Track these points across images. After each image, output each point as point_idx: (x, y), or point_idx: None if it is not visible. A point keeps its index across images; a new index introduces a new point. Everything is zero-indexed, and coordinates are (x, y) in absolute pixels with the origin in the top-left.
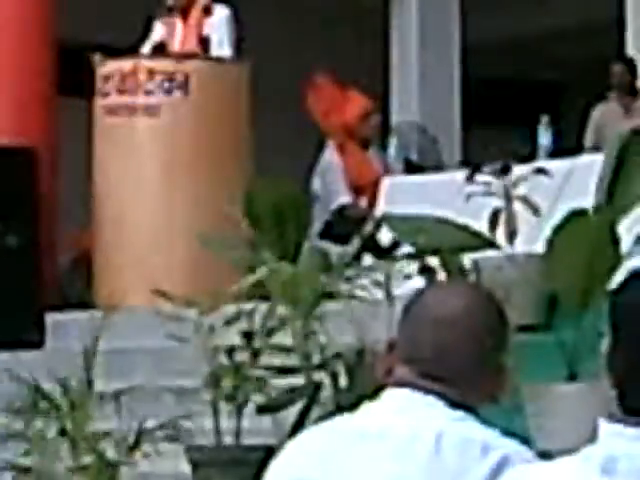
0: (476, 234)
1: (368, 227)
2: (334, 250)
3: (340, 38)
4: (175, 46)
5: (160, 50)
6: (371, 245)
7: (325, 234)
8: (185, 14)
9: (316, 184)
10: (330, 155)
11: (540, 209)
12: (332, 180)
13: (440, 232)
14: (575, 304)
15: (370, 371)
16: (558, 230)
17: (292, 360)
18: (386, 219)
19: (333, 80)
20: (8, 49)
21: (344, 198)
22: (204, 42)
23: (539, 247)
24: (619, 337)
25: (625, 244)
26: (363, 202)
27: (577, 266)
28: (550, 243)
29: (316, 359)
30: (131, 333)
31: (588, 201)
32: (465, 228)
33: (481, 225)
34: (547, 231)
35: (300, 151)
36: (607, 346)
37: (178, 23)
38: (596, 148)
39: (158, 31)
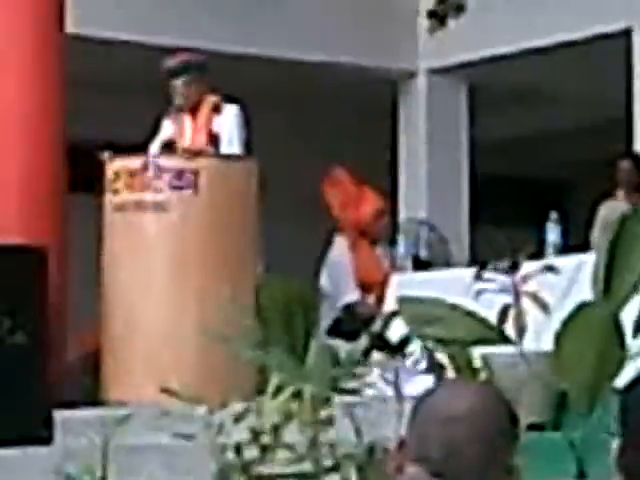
0: (490, 327)
1: (377, 324)
2: (343, 347)
3: (348, 135)
4: (184, 144)
5: (169, 148)
6: (380, 342)
7: (333, 331)
8: (194, 112)
9: (324, 281)
10: (338, 251)
11: (549, 306)
12: (340, 277)
13: (453, 321)
14: (584, 402)
15: (381, 469)
16: (565, 325)
17: (301, 460)
18: (399, 302)
19: (351, 176)
20: (17, 146)
21: (352, 296)
22: (213, 140)
23: (548, 344)
24: (629, 437)
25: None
26: (371, 299)
27: (584, 361)
28: (558, 338)
29: (325, 457)
30: (139, 430)
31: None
32: (482, 320)
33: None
34: (555, 329)
35: (308, 247)
36: (618, 446)
37: (187, 121)
38: None
39: (167, 129)
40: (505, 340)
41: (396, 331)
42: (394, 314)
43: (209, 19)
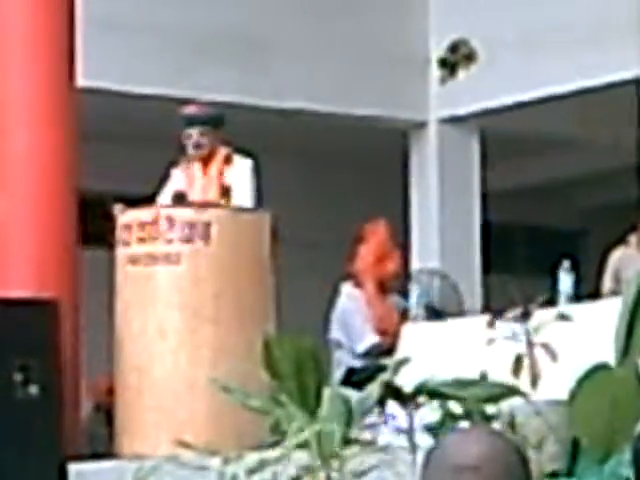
0: (498, 384)
1: (389, 372)
2: (355, 396)
3: (359, 185)
4: (195, 195)
5: (179, 198)
6: (393, 392)
7: (346, 382)
8: (206, 163)
9: (335, 332)
10: (346, 299)
11: (560, 355)
12: (352, 324)
13: (462, 387)
14: (598, 452)
15: None
16: (581, 382)
17: None
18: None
19: (390, 229)
20: (30, 198)
21: (373, 337)
22: (225, 191)
23: (560, 393)
24: None
25: None
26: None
27: (599, 418)
28: (573, 395)
29: None
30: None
31: (608, 347)
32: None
33: (503, 371)
34: (569, 378)
35: (316, 296)
36: None
37: (198, 172)
38: (614, 292)
39: (177, 179)
40: (517, 393)
41: (410, 380)
42: (404, 362)
43: (217, 71)
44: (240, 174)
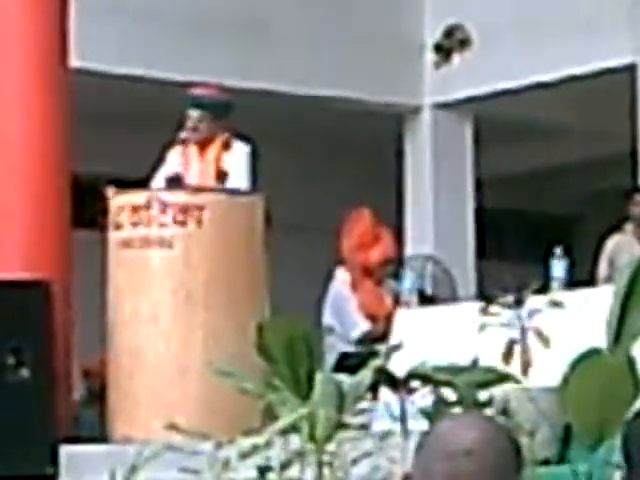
0: (490, 370)
1: (381, 358)
2: (347, 381)
3: (353, 170)
4: (192, 180)
5: (175, 181)
6: (385, 377)
7: (339, 367)
8: (203, 147)
9: (328, 317)
10: (340, 287)
11: (552, 341)
12: (344, 311)
13: (455, 372)
14: (590, 438)
15: None
16: (573, 369)
17: None
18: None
19: (373, 217)
20: (22, 180)
21: (365, 325)
22: (222, 176)
23: (552, 379)
24: (632, 466)
25: None
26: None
27: (591, 403)
28: (565, 380)
29: None
30: (145, 465)
31: (602, 333)
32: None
33: (496, 357)
34: (561, 364)
35: (310, 280)
36: (622, 477)
37: (194, 156)
38: (609, 279)
39: (173, 162)
40: (508, 379)
41: (402, 366)
42: (396, 348)
43: (211, 53)
44: (236, 159)
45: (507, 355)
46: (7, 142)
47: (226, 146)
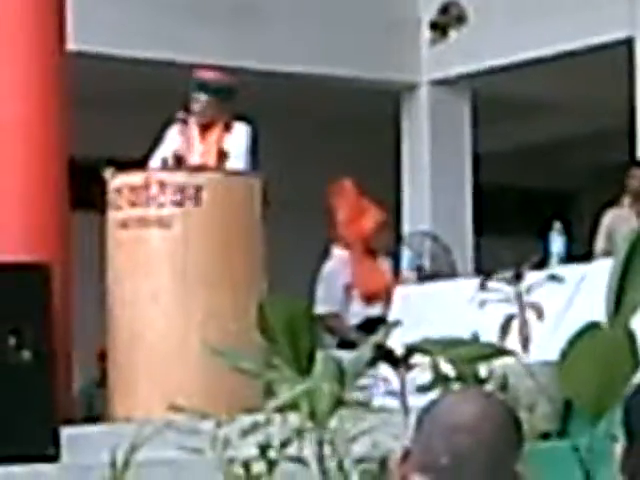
0: (489, 344)
1: (380, 334)
2: (347, 357)
3: (351, 147)
4: (193, 160)
5: (175, 161)
6: (384, 353)
7: (342, 344)
8: (205, 129)
9: (321, 293)
10: (332, 263)
11: (549, 316)
12: (329, 287)
13: (453, 346)
14: (590, 413)
15: None
16: (572, 343)
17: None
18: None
19: (356, 187)
20: (20, 162)
21: (323, 307)
22: (222, 157)
23: (552, 354)
24: (633, 440)
25: None
26: (376, 310)
27: (591, 378)
28: (564, 355)
29: (333, 470)
30: (146, 445)
31: (601, 308)
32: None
33: (495, 332)
34: (560, 339)
35: (305, 259)
36: (622, 450)
37: (196, 137)
38: (607, 253)
39: (173, 141)
40: (507, 354)
41: (401, 342)
42: (395, 324)
43: (206, 34)
44: (237, 140)
45: (504, 329)
46: (6, 126)
47: (227, 128)
